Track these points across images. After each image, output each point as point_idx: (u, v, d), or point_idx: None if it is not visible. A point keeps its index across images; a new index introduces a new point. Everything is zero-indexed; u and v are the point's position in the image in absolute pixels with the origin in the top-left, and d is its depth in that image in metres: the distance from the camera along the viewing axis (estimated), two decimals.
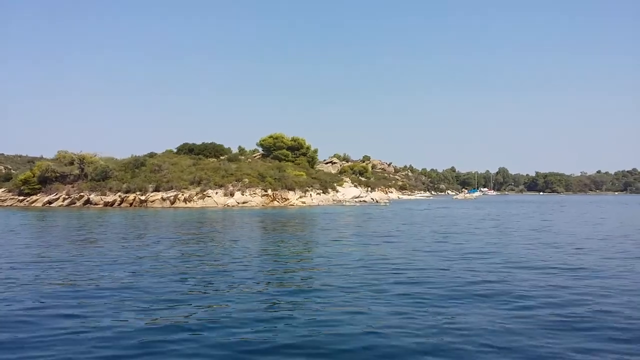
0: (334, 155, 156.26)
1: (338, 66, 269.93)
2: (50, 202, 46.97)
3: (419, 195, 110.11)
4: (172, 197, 45.92)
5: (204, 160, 57.48)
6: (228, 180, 49.38)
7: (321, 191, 57.48)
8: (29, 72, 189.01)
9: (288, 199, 50.02)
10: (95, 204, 45.88)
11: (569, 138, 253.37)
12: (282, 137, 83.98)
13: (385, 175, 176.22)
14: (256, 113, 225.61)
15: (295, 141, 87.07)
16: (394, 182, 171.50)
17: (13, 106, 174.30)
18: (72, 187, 48.93)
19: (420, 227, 24.13)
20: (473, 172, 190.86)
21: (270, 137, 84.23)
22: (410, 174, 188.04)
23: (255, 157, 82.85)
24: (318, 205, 51.15)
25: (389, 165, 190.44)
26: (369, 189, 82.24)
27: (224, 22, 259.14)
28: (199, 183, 48.02)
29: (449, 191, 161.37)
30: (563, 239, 18.87)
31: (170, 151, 69.09)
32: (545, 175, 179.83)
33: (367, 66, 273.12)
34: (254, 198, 48.43)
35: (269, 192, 49.49)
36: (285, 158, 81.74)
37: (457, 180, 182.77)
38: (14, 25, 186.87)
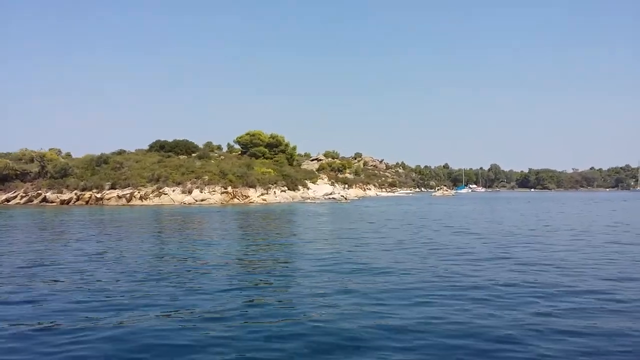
0: (325, 153, 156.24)
1: (333, 63, 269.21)
2: (8, 200, 46.87)
3: (402, 192, 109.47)
4: (128, 195, 45.74)
5: (170, 158, 57.25)
6: (187, 177, 49.17)
7: (286, 188, 57.13)
8: None
9: (249, 197, 49.78)
10: (52, 202, 45.77)
11: (564, 135, 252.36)
12: (260, 135, 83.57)
13: (376, 172, 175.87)
14: (246, 110, 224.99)
15: (273, 138, 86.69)
16: (383, 179, 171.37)
17: None
18: (32, 185, 48.89)
19: (323, 225, 23.89)
20: (464, 169, 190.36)
21: (247, 134, 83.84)
22: (401, 170, 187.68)
23: (233, 154, 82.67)
24: (279, 202, 50.88)
25: (380, 162, 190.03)
26: (346, 186, 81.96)
27: (211, 16, 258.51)
28: (157, 180, 47.84)
29: (438, 188, 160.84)
30: (445, 240, 18.54)
31: (141, 149, 69.07)
32: (537, 172, 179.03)
33: (362, 63, 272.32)
34: (213, 195, 48.22)
35: (229, 189, 49.26)
36: (262, 155, 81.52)
37: (449, 177, 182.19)
38: None
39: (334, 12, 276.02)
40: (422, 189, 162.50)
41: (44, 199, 46.48)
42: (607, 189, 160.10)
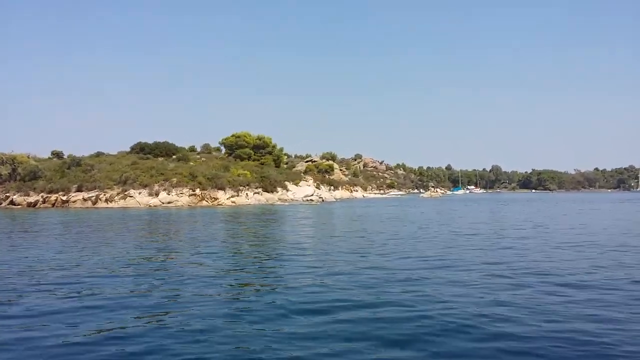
0: (322, 154, 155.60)
1: (333, 63, 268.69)
2: None
3: (393, 193, 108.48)
4: (94, 198, 45.56)
5: (145, 160, 57.00)
6: (156, 180, 48.87)
7: (261, 190, 56.62)
8: None
9: (217, 199, 49.38)
10: (19, 205, 45.75)
11: (568, 136, 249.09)
12: (245, 136, 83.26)
13: (375, 173, 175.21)
14: (246, 110, 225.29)
15: (260, 140, 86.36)
16: (382, 180, 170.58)
17: None
18: (2, 187, 48.92)
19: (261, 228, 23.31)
20: (465, 170, 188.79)
21: (233, 135, 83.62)
22: (402, 172, 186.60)
23: (217, 156, 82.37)
24: (249, 204, 50.43)
25: (381, 163, 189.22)
26: (332, 187, 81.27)
27: (212, 16, 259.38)
28: (124, 183, 47.61)
29: (437, 189, 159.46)
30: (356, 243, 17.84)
31: (123, 151, 69.03)
32: (539, 173, 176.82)
33: (362, 63, 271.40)
34: (181, 198, 47.86)
35: (197, 191, 48.88)
36: (247, 157, 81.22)
37: (450, 178, 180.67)
38: None
39: (334, 12, 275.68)
40: (421, 190, 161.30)
41: (12, 202, 46.48)
42: (609, 190, 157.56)
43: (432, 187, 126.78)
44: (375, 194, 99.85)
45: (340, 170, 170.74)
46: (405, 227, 23.48)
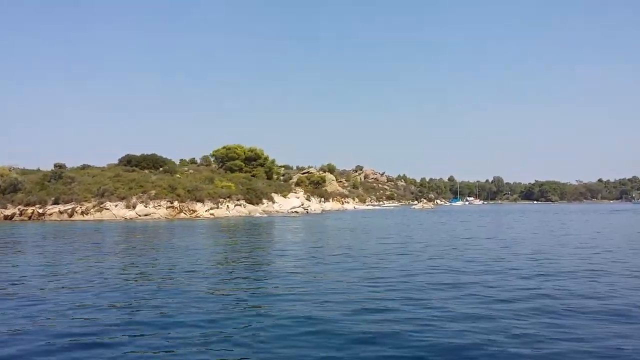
0: (320, 167, 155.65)
1: (338, 74, 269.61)
2: None
3: (387, 205, 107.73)
4: (70, 210, 45.51)
5: (128, 173, 57.00)
6: (134, 192, 48.77)
7: (244, 202, 56.32)
8: None
9: (196, 211, 49.13)
10: None
11: (573, 147, 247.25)
12: (236, 148, 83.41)
13: (375, 185, 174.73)
14: (249, 122, 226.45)
15: (252, 152, 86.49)
16: (382, 191, 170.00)
17: None
18: None
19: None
20: (467, 182, 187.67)
21: (224, 147, 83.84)
22: (403, 183, 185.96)
23: (209, 169, 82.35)
24: (229, 216, 50.15)
25: (382, 174, 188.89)
26: (322, 199, 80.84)
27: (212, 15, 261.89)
28: (102, 195, 47.55)
29: (437, 200, 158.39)
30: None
31: (112, 164, 69.21)
32: (541, 184, 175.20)
33: (368, 74, 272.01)
34: (159, 210, 47.68)
35: (175, 204, 48.69)
36: (238, 169, 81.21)
37: (451, 190, 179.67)
38: None
39: (335, 21, 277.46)
40: (422, 201, 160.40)
41: None
42: (612, 201, 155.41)
43: (425, 199, 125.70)
44: (368, 205, 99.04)
45: (340, 182, 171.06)
46: (345, 239, 23.04)
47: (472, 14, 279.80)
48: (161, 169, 66.25)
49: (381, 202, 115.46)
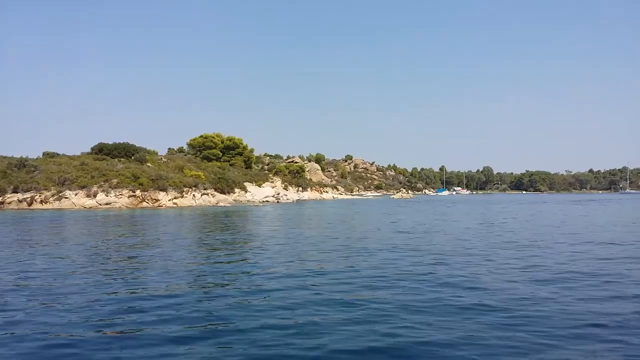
0: (308, 156, 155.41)
1: (329, 62, 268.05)
2: None
3: (369, 194, 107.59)
4: (29, 199, 45.20)
5: (95, 161, 56.57)
6: (96, 181, 48.44)
7: (212, 190, 56.03)
8: None
9: (159, 200, 48.87)
10: None
11: (565, 138, 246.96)
12: (213, 137, 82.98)
13: (363, 174, 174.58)
14: (239, 111, 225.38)
15: (230, 141, 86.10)
16: (370, 181, 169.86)
17: None
18: None
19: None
20: (458, 172, 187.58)
21: (201, 136, 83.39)
22: (392, 173, 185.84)
23: (185, 158, 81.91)
24: (193, 205, 49.96)
25: (371, 164, 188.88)
26: (300, 189, 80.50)
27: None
28: (62, 184, 47.22)
29: (426, 190, 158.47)
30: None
31: (85, 152, 68.73)
32: (531, 174, 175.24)
33: (359, 65, 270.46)
34: (120, 199, 47.41)
35: (137, 193, 48.39)
36: (215, 158, 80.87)
37: (442, 180, 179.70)
38: None
39: (329, 13, 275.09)
40: (410, 191, 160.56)
41: None
42: (600, 191, 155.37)
43: (404, 189, 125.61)
44: (350, 195, 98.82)
45: (328, 171, 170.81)
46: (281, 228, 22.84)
47: (458, 6, 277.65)
48: (133, 157, 65.87)
49: (364, 192, 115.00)
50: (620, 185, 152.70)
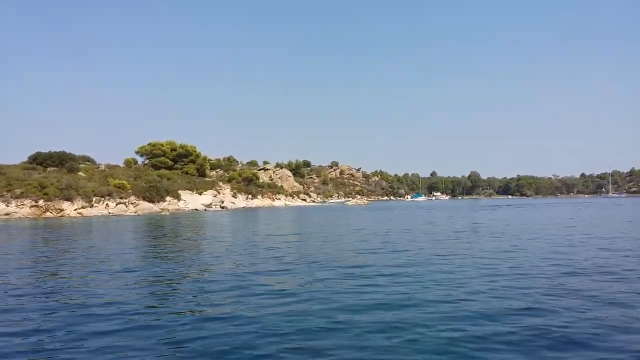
0: (295, 162, 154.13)
1: (323, 68, 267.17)
2: None
3: (332, 201, 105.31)
4: None
5: (19, 172, 55.10)
6: None
7: (134, 199, 54.25)
8: None
9: (63, 210, 47.20)
10: None
11: (555, 142, 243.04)
12: (162, 145, 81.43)
13: (347, 181, 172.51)
14: (229, 116, 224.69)
15: (183, 148, 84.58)
16: (352, 187, 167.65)
17: None
18: None
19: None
20: (447, 177, 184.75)
21: (149, 144, 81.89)
22: (376, 179, 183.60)
23: (136, 166, 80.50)
24: (99, 215, 48.20)
25: (357, 170, 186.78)
26: (250, 196, 78.56)
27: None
28: None
29: (408, 196, 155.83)
30: None
31: (24, 162, 67.56)
32: (518, 179, 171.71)
33: (350, 69, 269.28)
34: (22, 209, 45.79)
35: (40, 202, 46.76)
36: (163, 166, 79.35)
37: (425, 185, 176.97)
38: None
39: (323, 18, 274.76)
40: (391, 197, 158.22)
41: None
42: (587, 195, 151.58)
43: (359, 195, 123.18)
44: (315, 201, 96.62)
45: (310, 177, 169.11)
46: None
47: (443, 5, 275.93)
48: (64, 167, 64.44)
49: (328, 199, 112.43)
50: (603, 189, 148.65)
